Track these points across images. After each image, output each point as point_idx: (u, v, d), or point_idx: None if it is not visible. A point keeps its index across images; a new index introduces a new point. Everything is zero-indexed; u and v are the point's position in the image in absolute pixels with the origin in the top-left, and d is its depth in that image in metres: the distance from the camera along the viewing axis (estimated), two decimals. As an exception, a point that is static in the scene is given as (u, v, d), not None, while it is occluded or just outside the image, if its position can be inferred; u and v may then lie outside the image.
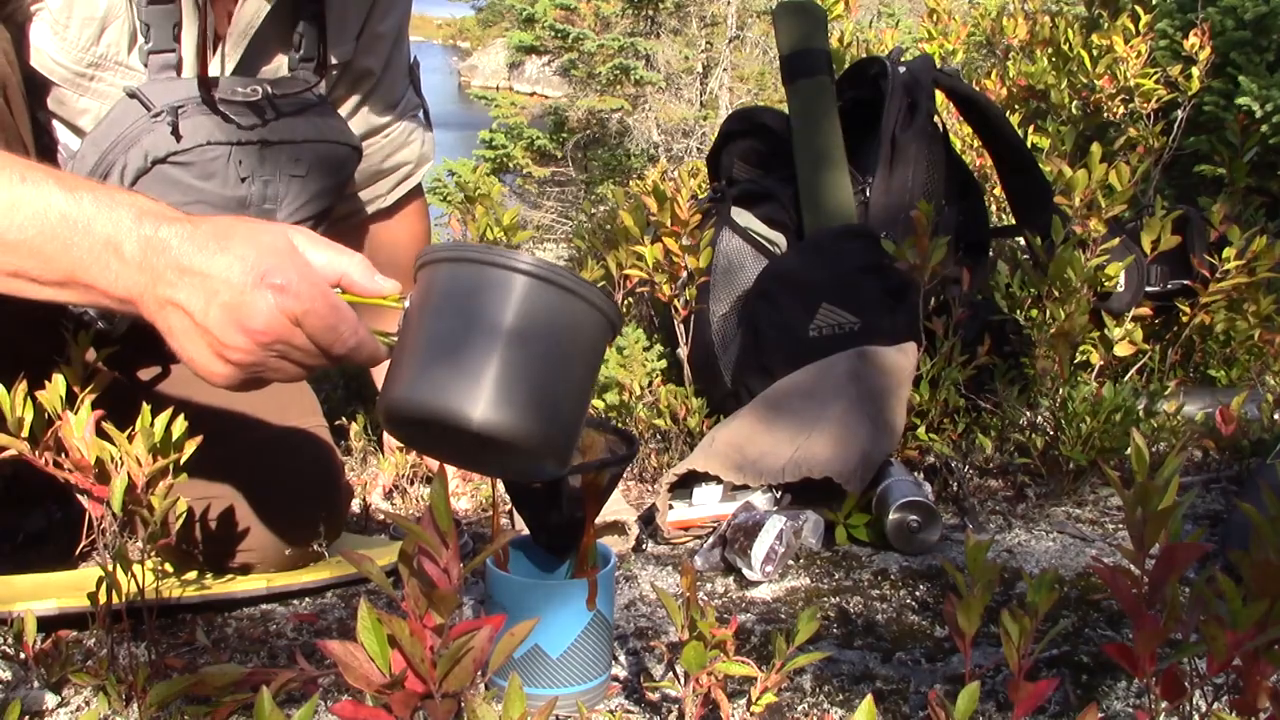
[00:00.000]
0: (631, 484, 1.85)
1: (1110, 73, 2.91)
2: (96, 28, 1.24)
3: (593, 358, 0.98)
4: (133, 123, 1.26)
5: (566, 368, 0.95)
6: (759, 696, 0.98)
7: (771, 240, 2.05)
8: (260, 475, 1.39)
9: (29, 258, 0.95)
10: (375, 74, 1.55)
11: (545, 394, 0.93)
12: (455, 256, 0.94)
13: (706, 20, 15.08)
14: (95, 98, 1.28)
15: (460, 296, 0.93)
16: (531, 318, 0.92)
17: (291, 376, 0.99)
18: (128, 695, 1.02)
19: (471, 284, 0.93)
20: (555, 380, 0.94)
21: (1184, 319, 2.12)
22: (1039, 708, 1.04)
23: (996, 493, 1.74)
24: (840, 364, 1.73)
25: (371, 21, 1.51)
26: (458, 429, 0.91)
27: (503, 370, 0.91)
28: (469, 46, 35.73)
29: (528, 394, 0.92)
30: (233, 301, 0.92)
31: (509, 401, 0.91)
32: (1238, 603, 0.70)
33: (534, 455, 0.95)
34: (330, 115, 1.45)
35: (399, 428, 0.98)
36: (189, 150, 1.27)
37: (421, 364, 0.93)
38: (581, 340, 0.96)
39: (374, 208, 1.69)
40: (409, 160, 1.68)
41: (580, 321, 0.95)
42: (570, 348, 0.95)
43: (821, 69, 2.14)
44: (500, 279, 0.92)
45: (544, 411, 0.93)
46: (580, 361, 0.97)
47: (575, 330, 0.95)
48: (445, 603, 0.66)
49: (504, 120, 14.01)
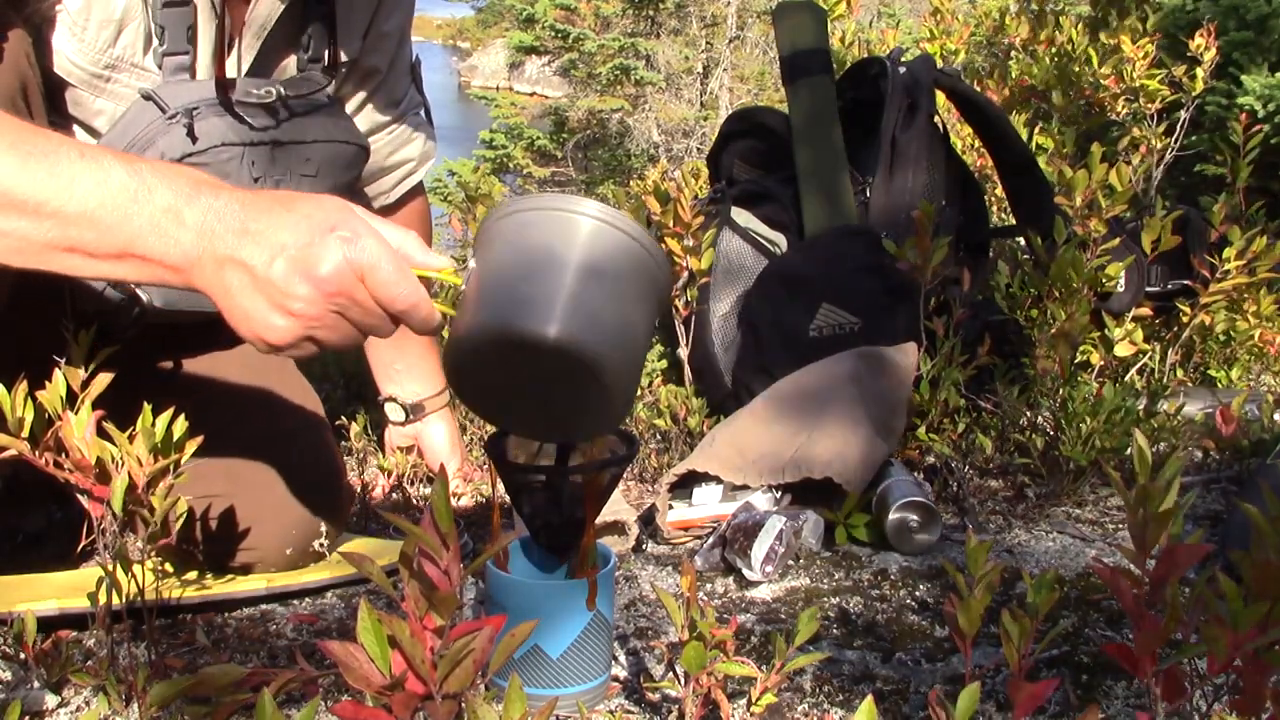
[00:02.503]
0: (631, 484, 1.85)
1: (1117, 72, 2.91)
2: (114, 29, 1.25)
3: (651, 306, 1.00)
4: (148, 124, 1.27)
5: (631, 306, 0.97)
6: (759, 696, 0.98)
7: (772, 240, 2.05)
8: (261, 475, 1.39)
9: (88, 229, 0.95)
10: (381, 72, 1.57)
11: (616, 320, 0.96)
12: (519, 209, 0.97)
13: (707, 20, 15.08)
14: (111, 99, 1.29)
15: (529, 241, 0.95)
16: (598, 257, 0.94)
17: (345, 339, 0.98)
18: (128, 695, 1.02)
19: (539, 229, 0.95)
20: (623, 313, 0.96)
21: (1184, 319, 2.12)
22: (1039, 708, 1.04)
23: (996, 493, 1.74)
24: (840, 364, 1.73)
25: (377, 20, 1.52)
26: (535, 347, 0.92)
27: (576, 293, 0.93)
28: (469, 46, 35.73)
29: (600, 317, 0.94)
30: (299, 253, 0.92)
31: (584, 319, 0.93)
32: (1238, 603, 0.70)
33: (605, 384, 0.95)
34: (339, 115, 1.46)
35: (468, 372, 0.98)
36: (204, 152, 1.27)
37: (494, 295, 0.95)
38: (644, 284, 0.98)
39: (377, 204, 1.70)
40: (411, 157, 1.69)
41: (641, 268, 0.97)
42: (633, 289, 0.97)
43: (822, 69, 2.14)
44: (568, 222, 0.94)
45: (615, 337, 0.96)
46: (642, 305, 0.99)
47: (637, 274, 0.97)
48: (446, 604, 0.66)
49: (504, 120, 14.01)
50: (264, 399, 1.46)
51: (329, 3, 1.41)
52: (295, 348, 0.97)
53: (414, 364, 1.78)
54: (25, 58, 1.19)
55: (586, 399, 0.98)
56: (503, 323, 0.93)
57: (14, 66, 1.18)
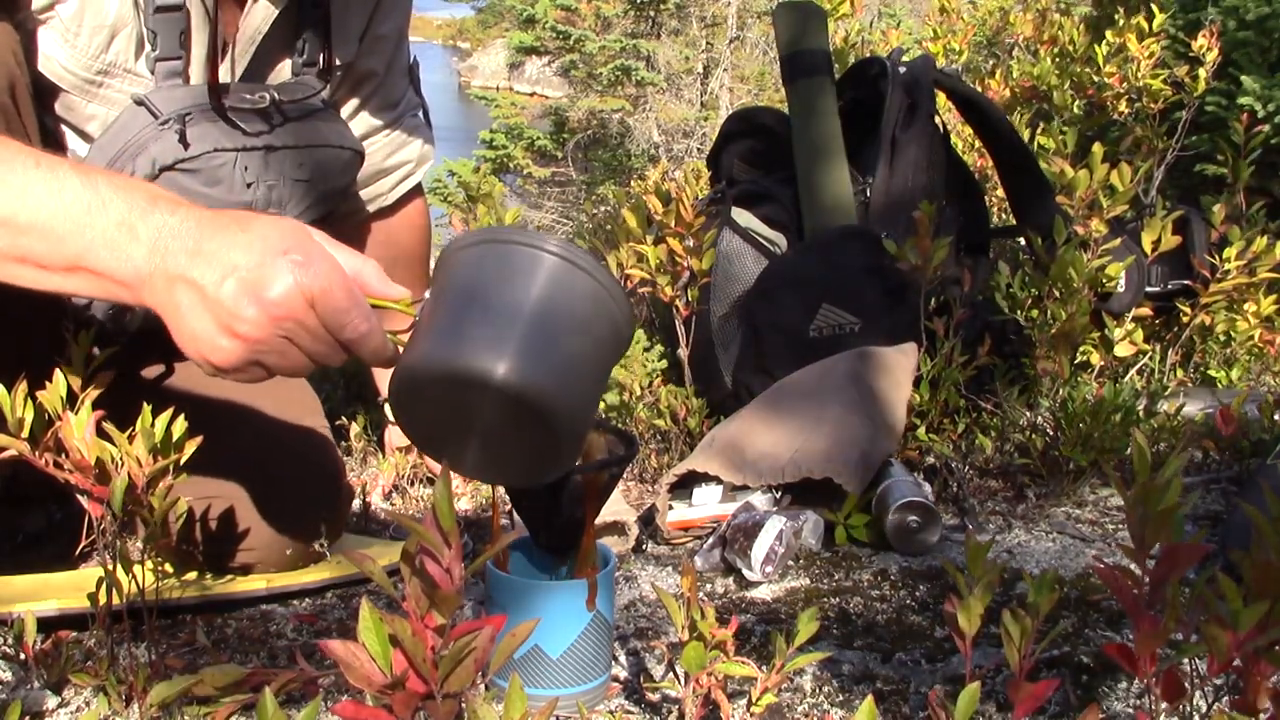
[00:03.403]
0: (631, 484, 1.85)
1: (1121, 72, 2.91)
2: (106, 35, 1.25)
3: (608, 351, 0.98)
4: (140, 130, 1.27)
5: (586, 348, 0.95)
6: (759, 697, 0.98)
7: (772, 240, 2.05)
8: (261, 475, 1.39)
9: (40, 240, 0.93)
10: (378, 75, 1.56)
11: (569, 362, 0.93)
12: (480, 240, 0.94)
13: (707, 20, 15.08)
14: (103, 104, 1.29)
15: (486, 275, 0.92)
16: (556, 296, 0.92)
17: (293, 366, 0.95)
18: (128, 695, 1.02)
19: (497, 263, 0.92)
20: (577, 355, 0.94)
21: (1184, 319, 2.12)
22: (1039, 708, 1.04)
23: (996, 493, 1.74)
24: (840, 364, 1.73)
25: (374, 23, 1.51)
26: (481, 388, 0.89)
27: (528, 332, 0.90)
28: (469, 47, 35.73)
29: (552, 358, 0.91)
30: (250, 275, 0.90)
31: (535, 360, 0.90)
32: (1239, 603, 0.70)
33: (552, 429, 0.92)
34: (334, 120, 1.45)
35: (411, 405, 0.96)
36: (196, 158, 1.27)
37: (442, 329, 0.92)
38: (602, 327, 0.95)
39: (375, 206, 1.70)
40: (410, 159, 1.69)
41: (601, 309, 0.94)
42: (590, 331, 0.94)
43: (821, 69, 2.14)
44: (528, 257, 0.92)
45: (566, 379, 0.92)
46: (599, 348, 0.96)
47: (595, 316, 0.94)
48: (447, 603, 0.66)
49: (504, 120, 14.01)
50: (263, 398, 1.46)
51: (324, 7, 1.41)
52: (241, 371, 0.95)
53: None
54: (13, 56, 1.19)
55: (530, 442, 0.95)
56: (450, 358, 0.90)
57: (1, 64, 1.18)
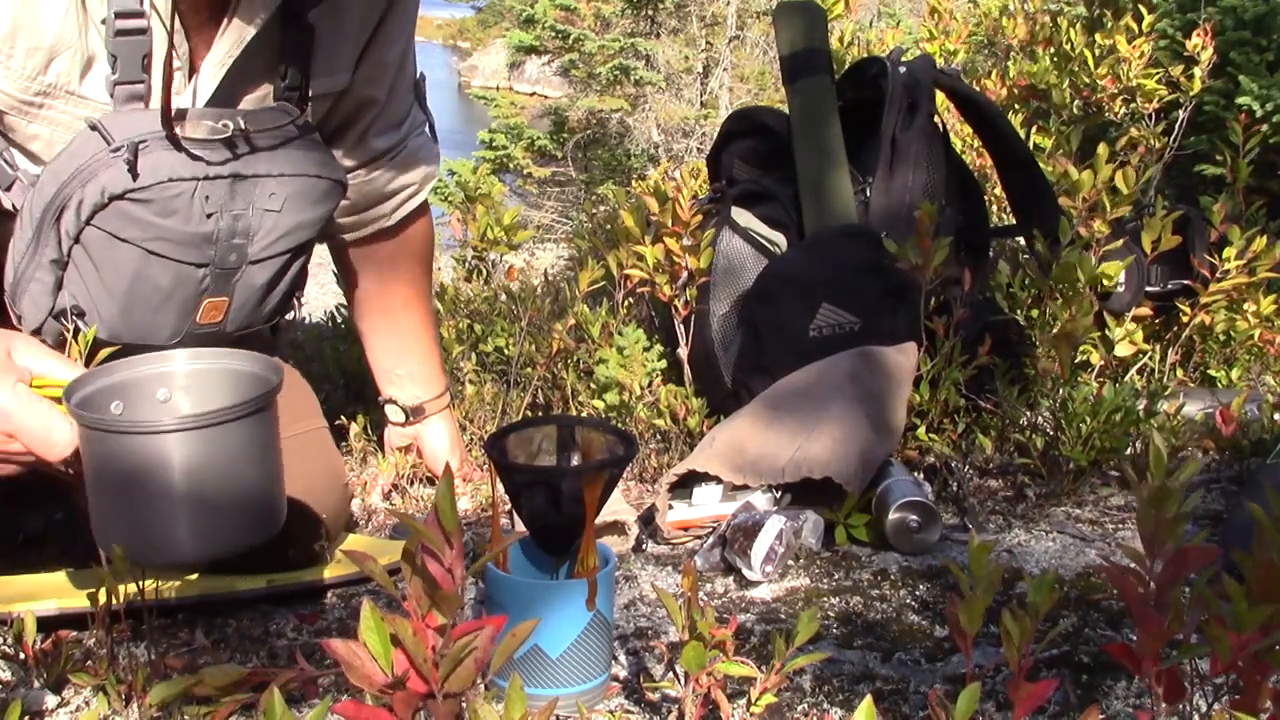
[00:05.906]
0: (631, 484, 1.85)
1: (1113, 73, 2.91)
2: (43, 57, 1.22)
3: (266, 429, 1.05)
4: (92, 156, 1.22)
5: (248, 468, 1.03)
6: (759, 697, 0.98)
7: (771, 240, 2.05)
8: (260, 475, 1.38)
9: None
10: (379, 102, 1.54)
11: (239, 497, 1.02)
12: (101, 428, 1.00)
13: (706, 20, 15.07)
14: (45, 124, 1.26)
15: (122, 470, 0.99)
16: (194, 462, 0.99)
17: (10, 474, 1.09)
18: (128, 695, 1.02)
19: (127, 457, 0.99)
20: (243, 484, 1.03)
21: (1184, 319, 2.12)
22: (1039, 708, 1.04)
23: (996, 493, 1.74)
24: (840, 364, 1.73)
25: (374, 50, 1.49)
26: (177, 566, 1.12)
27: (190, 510, 1.00)
28: (469, 47, 35.70)
29: (224, 509, 1.01)
30: None
31: (209, 528, 1.02)
32: (1242, 605, 0.70)
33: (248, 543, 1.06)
34: (314, 148, 1.40)
35: None
36: (147, 188, 1.23)
37: (114, 521, 1.02)
38: (251, 428, 1.03)
39: (376, 228, 1.69)
40: (413, 181, 1.67)
41: (241, 425, 1.01)
42: (243, 451, 1.03)
43: (821, 69, 2.14)
44: (151, 444, 0.98)
45: (246, 508, 1.04)
46: (259, 448, 1.05)
47: (240, 432, 1.01)
48: (449, 603, 0.66)
49: (504, 120, 13.99)
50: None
51: (307, 33, 1.37)
52: None
53: (414, 369, 1.77)
54: None
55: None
56: (137, 555, 1.01)
57: None
